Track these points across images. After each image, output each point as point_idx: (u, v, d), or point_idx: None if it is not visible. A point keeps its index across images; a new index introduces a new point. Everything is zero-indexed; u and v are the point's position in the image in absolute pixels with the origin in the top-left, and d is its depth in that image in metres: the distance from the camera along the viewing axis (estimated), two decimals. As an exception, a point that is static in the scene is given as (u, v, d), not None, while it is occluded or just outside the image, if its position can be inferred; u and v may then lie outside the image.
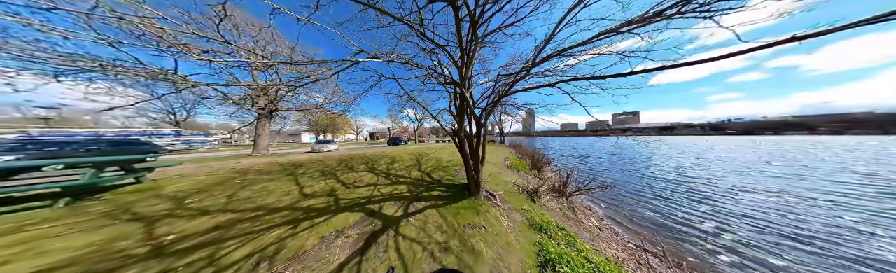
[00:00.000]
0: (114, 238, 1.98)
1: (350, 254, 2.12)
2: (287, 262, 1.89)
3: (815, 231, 4.28)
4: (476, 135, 3.79)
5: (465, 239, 2.57)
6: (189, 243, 2.00)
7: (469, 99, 3.40)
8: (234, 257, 1.87)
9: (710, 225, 4.55)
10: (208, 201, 3.07)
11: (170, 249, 1.88)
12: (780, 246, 3.79)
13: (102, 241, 1.91)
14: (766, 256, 3.48)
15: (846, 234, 4.16)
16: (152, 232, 2.13)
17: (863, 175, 9.40)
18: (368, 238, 2.40)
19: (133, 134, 14.72)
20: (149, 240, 1.99)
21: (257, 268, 1.79)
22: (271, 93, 8.95)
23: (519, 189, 5.31)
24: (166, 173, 4.61)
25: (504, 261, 2.31)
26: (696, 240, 3.96)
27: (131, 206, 2.76)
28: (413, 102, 4.65)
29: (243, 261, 1.84)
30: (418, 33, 2.68)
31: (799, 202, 5.94)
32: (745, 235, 4.11)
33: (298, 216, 2.79)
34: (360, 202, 3.45)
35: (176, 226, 2.31)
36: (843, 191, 7.05)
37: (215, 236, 2.17)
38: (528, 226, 3.30)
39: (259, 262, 1.86)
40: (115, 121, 26.87)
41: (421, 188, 4.42)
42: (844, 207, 5.58)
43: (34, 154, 5.77)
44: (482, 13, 2.81)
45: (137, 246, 1.90)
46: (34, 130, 12.52)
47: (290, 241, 2.20)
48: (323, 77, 2.22)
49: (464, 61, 3.34)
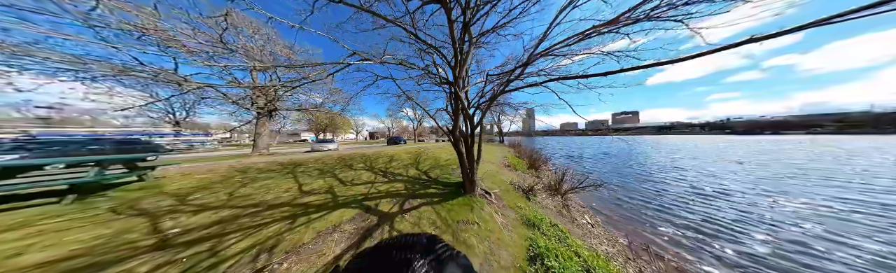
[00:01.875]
0: (121, 231, 2.07)
1: (345, 247, 2.21)
2: (285, 255, 1.99)
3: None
4: (471, 133, 3.87)
5: (457, 233, 2.66)
6: (192, 236, 2.10)
7: (463, 98, 3.48)
8: (234, 250, 1.96)
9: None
10: (210, 198, 3.17)
11: (174, 242, 1.98)
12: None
13: (111, 234, 2.00)
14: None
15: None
16: (157, 226, 2.23)
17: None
18: (364, 233, 2.50)
19: (133, 133, 14.82)
20: (154, 233, 2.09)
21: (257, 259, 1.88)
22: (270, 93, 9.04)
23: (515, 187, 5.40)
24: (168, 172, 4.71)
25: (495, 254, 2.40)
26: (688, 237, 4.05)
27: (136, 202, 2.85)
28: (412, 102, 4.74)
29: (243, 253, 1.93)
30: (411, 35, 2.76)
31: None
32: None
33: (297, 212, 2.89)
34: (358, 199, 3.54)
35: (179, 220, 2.41)
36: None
37: (217, 230, 2.26)
38: (521, 222, 3.39)
39: (258, 254, 1.96)
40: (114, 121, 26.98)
41: (417, 186, 4.51)
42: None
43: (38, 153, 5.85)
44: (474, 14, 2.88)
45: (143, 238, 2.00)
46: (35, 130, 12.63)
47: (288, 235, 2.30)
48: (318, 78, 2.31)
49: (458, 61, 3.41)
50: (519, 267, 2.23)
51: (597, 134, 3.84)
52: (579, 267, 2.31)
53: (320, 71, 2.30)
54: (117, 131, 15.12)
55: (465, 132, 3.90)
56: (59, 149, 6.37)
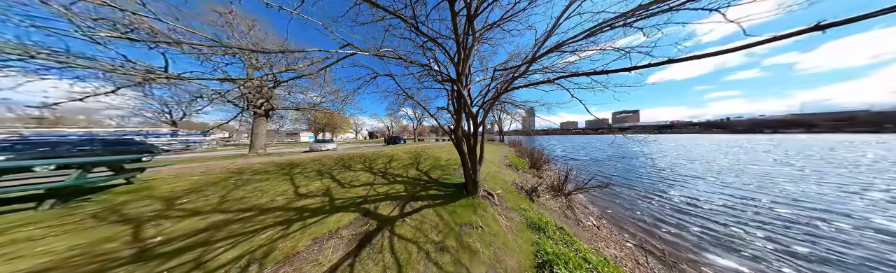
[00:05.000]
0: (99, 241, 1.91)
1: (343, 255, 2.07)
2: (277, 265, 1.84)
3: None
4: (474, 133, 3.72)
5: (461, 238, 2.52)
6: (176, 246, 1.94)
7: (466, 96, 3.32)
8: (222, 260, 1.81)
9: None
10: (200, 202, 3.01)
11: (155, 252, 1.82)
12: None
13: (86, 244, 1.84)
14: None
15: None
16: (139, 234, 2.07)
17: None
18: (363, 239, 2.35)
19: (128, 134, 14.56)
20: (135, 242, 1.93)
21: (246, 270, 1.74)
22: (267, 91, 8.84)
23: (517, 188, 5.27)
24: (159, 173, 4.54)
25: (501, 261, 2.26)
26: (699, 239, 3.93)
27: (120, 207, 2.69)
28: (411, 101, 4.57)
29: (231, 263, 1.78)
30: (412, 27, 2.59)
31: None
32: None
33: (291, 217, 2.74)
34: (356, 202, 3.39)
35: (164, 227, 2.25)
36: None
37: (204, 238, 2.11)
38: (526, 225, 3.26)
39: (248, 264, 1.81)
40: (109, 121, 26.57)
41: (418, 187, 4.37)
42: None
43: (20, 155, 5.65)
44: (478, 6, 2.71)
45: (122, 248, 1.84)
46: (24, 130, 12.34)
47: (282, 242, 2.15)
48: (311, 71, 2.14)
49: (461, 57, 3.25)
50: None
51: (598, 133, 3.70)
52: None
53: (312, 62, 2.12)
54: (110, 131, 14.85)
55: (468, 132, 3.75)
56: (41, 150, 6.18)
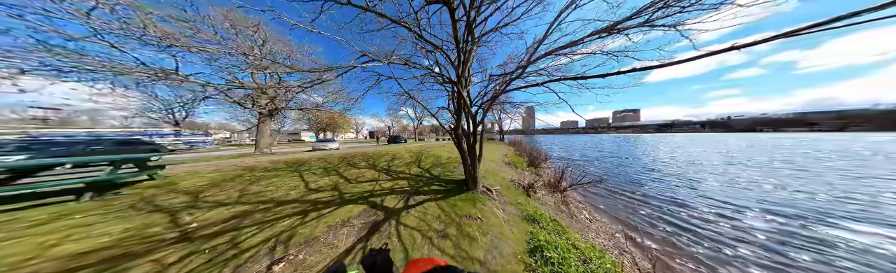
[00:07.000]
0: (145, 225, 2.19)
1: (355, 240, 2.34)
2: (299, 247, 2.11)
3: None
4: (473, 132, 3.98)
5: (461, 228, 2.78)
6: (211, 230, 2.22)
7: (466, 97, 3.58)
8: (252, 242, 2.09)
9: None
10: (222, 195, 3.28)
11: (195, 235, 2.10)
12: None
13: (136, 228, 2.12)
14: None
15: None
16: (177, 221, 2.35)
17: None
18: (372, 227, 2.62)
19: (134, 134, 14.86)
20: (175, 227, 2.21)
21: (274, 250, 2.01)
22: (271, 92, 9.09)
23: (515, 184, 5.53)
24: (174, 171, 4.81)
25: (497, 247, 2.52)
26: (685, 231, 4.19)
27: (152, 199, 2.97)
28: (412, 101, 4.82)
29: (261, 244, 2.05)
30: (416, 35, 2.84)
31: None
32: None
33: (306, 208, 3.01)
34: (363, 196, 3.66)
35: (195, 216, 2.53)
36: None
37: (233, 225, 2.38)
38: (522, 218, 3.52)
39: (274, 245, 2.08)
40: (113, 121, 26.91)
41: (420, 183, 4.63)
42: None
43: (45, 153, 5.95)
44: (478, 14, 2.96)
45: (165, 232, 2.11)
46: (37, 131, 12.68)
47: (301, 228, 2.42)
48: (328, 79, 2.40)
49: (461, 60, 3.50)
50: (520, 258, 2.36)
51: (598, 132, 3.95)
52: (576, 257, 2.44)
53: (328, 69, 2.38)
54: (117, 132, 15.16)
55: (468, 131, 4.01)
56: (65, 149, 6.45)
